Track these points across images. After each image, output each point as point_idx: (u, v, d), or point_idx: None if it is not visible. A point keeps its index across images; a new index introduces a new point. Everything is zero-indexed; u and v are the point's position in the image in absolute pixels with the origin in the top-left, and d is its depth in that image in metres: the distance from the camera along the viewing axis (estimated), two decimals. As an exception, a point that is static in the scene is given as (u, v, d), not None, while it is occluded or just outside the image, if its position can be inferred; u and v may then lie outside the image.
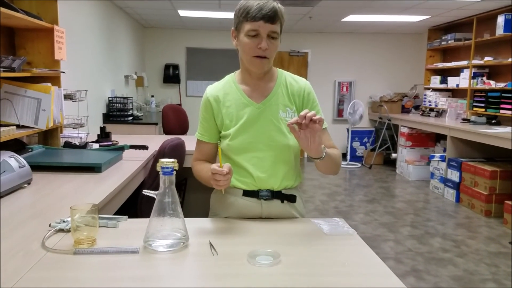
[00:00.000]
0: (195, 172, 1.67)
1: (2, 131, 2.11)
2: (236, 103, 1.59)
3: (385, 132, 7.44)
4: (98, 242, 1.28)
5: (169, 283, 1.07)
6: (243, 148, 1.57)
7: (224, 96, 1.61)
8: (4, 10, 2.08)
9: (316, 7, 5.64)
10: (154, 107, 6.93)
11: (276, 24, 1.47)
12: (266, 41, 1.46)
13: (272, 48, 1.49)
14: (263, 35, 1.46)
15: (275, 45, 1.50)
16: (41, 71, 2.54)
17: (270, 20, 1.44)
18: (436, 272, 3.26)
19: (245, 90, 1.61)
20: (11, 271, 1.08)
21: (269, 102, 1.59)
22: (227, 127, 1.59)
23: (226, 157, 1.62)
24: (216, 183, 1.40)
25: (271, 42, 1.48)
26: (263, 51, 1.47)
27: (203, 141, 1.66)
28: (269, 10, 1.44)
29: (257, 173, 1.56)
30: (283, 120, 1.57)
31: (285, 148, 1.56)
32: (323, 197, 5.41)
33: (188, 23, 7.21)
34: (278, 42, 1.52)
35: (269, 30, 1.46)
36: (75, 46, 4.10)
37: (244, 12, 1.47)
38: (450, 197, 5.39)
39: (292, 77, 1.66)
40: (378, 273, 1.16)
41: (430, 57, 7.33)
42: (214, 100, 1.61)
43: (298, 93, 1.61)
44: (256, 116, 1.56)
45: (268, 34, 1.46)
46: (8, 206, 1.61)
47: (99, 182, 2.02)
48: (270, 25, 1.45)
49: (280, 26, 1.51)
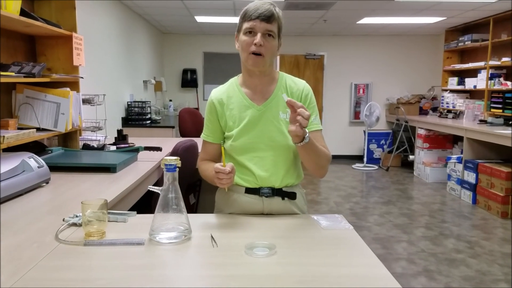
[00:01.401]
0: (201, 171, 1.76)
1: (23, 133, 2.24)
2: (239, 106, 1.67)
3: (402, 134, 7.41)
4: (108, 235, 1.38)
5: (171, 270, 1.16)
6: (245, 148, 1.64)
7: (227, 99, 1.69)
8: (25, 19, 2.21)
9: (330, 10, 5.69)
10: (172, 111, 7.07)
11: (272, 24, 1.55)
12: (261, 38, 1.54)
13: (267, 46, 1.56)
14: (258, 33, 1.54)
15: (271, 44, 1.57)
16: (60, 77, 2.67)
17: (266, 19, 1.53)
18: (448, 272, 3.27)
19: (247, 93, 1.68)
20: (25, 260, 1.17)
21: (269, 104, 1.66)
22: (230, 128, 1.67)
23: (229, 156, 1.70)
24: (219, 181, 1.48)
25: (267, 40, 1.56)
26: (258, 47, 1.55)
27: (208, 141, 1.75)
28: (265, 10, 1.53)
29: (258, 172, 1.64)
30: (283, 121, 1.64)
31: (285, 148, 1.63)
32: (338, 199, 5.44)
33: (205, 28, 7.35)
34: (275, 42, 1.59)
35: (265, 29, 1.54)
36: (95, 52, 4.25)
37: (243, 14, 1.58)
38: (466, 199, 5.36)
39: (292, 79, 1.74)
40: (369, 264, 1.22)
41: (447, 59, 7.29)
42: (218, 103, 1.70)
43: (297, 94, 1.68)
44: (257, 118, 1.64)
45: (264, 32, 1.55)
46: (26, 203, 1.72)
47: (113, 182, 2.12)
48: (266, 24, 1.54)
49: (277, 28, 1.58)
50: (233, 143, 1.65)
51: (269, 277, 1.12)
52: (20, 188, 1.80)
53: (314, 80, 8.18)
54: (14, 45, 2.59)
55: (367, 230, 4.26)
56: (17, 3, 2.18)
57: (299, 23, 6.70)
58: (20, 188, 1.80)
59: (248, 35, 1.56)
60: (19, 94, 2.57)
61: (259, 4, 1.55)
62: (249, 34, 1.56)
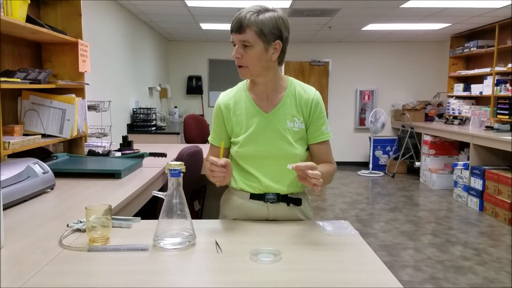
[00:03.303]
0: (204, 169, 1.72)
1: (28, 139, 2.24)
2: (246, 112, 1.65)
3: (408, 141, 7.38)
4: (112, 240, 1.37)
5: (175, 276, 1.15)
6: (250, 156, 1.63)
7: (235, 105, 1.67)
8: (31, 26, 2.22)
9: (335, 17, 5.69)
10: (177, 118, 7.08)
11: (243, 34, 1.51)
12: (236, 50, 1.54)
13: (246, 56, 1.54)
14: (236, 45, 1.55)
15: (249, 54, 1.53)
16: (66, 83, 2.67)
17: (237, 30, 1.52)
18: (455, 280, 3.23)
19: (254, 99, 1.66)
20: (29, 265, 1.17)
21: (277, 112, 1.63)
22: (237, 134, 1.66)
23: (235, 162, 1.69)
24: (211, 173, 1.47)
25: (245, 50, 1.54)
26: (237, 60, 1.56)
27: (215, 145, 1.74)
28: (236, 21, 1.52)
29: (264, 179, 1.63)
30: (290, 130, 1.62)
31: (291, 157, 1.61)
32: (343, 206, 5.41)
33: (210, 35, 7.37)
34: (253, 50, 1.52)
35: (239, 40, 1.53)
36: (101, 59, 4.27)
37: None
38: (473, 206, 5.31)
39: (302, 86, 1.69)
40: (375, 270, 1.20)
41: (453, 65, 7.26)
42: (225, 108, 1.69)
43: (306, 103, 1.65)
44: (264, 126, 1.62)
45: (240, 44, 1.54)
46: (30, 209, 1.72)
47: (118, 187, 2.11)
48: (238, 35, 1.52)
49: (255, 34, 1.50)
50: (239, 150, 1.64)
51: (274, 283, 1.10)
52: (25, 194, 1.80)
53: (319, 87, 8.17)
54: (20, 51, 2.61)
55: (373, 237, 4.23)
56: (23, 10, 2.19)
57: (304, 30, 6.71)
58: (25, 194, 1.80)
59: (234, 48, 1.57)
60: (25, 100, 2.58)
61: (237, 14, 1.54)
62: (234, 47, 1.57)
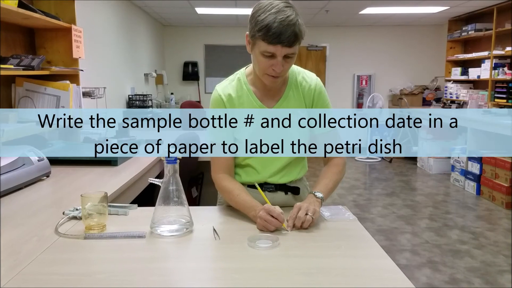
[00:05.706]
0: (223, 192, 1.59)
1: (23, 127, 2.22)
2: (248, 106, 1.58)
3: (405, 125, 7.37)
4: (108, 228, 1.36)
5: (172, 263, 1.14)
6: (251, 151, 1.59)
7: (238, 99, 1.58)
8: (23, 11, 2.18)
9: (332, 1, 5.63)
10: (173, 104, 7.04)
11: (294, 47, 1.38)
12: (281, 64, 1.39)
13: (286, 67, 1.43)
14: (278, 58, 1.38)
15: (290, 63, 1.45)
16: (60, 69, 2.64)
17: (289, 44, 1.36)
18: (453, 263, 3.25)
19: (255, 92, 1.59)
20: (25, 254, 1.16)
21: (280, 106, 1.58)
22: (239, 129, 1.58)
23: None
24: (265, 224, 1.34)
25: (286, 61, 1.41)
26: (276, 72, 1.42)
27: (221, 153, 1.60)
28: (289, 35, 1.34)
29: (262, 171, 1.60)
30: (294, 124, 1.57)
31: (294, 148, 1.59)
32: (340, 191, 5.42)
33: (205, 20, 7.29)
34: (294, 59, 1.45)
35: (286, 53, 1.38)
36: (95, 45, 4.22)
37: (263, 30, 1.34)
38: (470, 190, 5.33)
39: (303, 75, 1.63)
40: (373, 254, 1.20)
41: (450, 49, 7.22)
42: (226, 99, 1.57)
43: (308, 93, 1.60)
44: (267, 121, 1.56)
45: (285, 55, 1.39)
46: (26, 197, 1.71)
47: (114, 175, 2.10)
48: (288, 48, 1.36)
49: (298, 44, 1.42)
50: (240, 145, 1.58)
51: (272, 269, 1.10)
52: (20, 182, 1.78)
53: (317, 72, 7.93)
54: (13, 37, 2.57)
55: (371, 221, 4.24)
56: (14, -6, 2.15)
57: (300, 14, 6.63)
58: (20, 181, 1.79)
59: (266, 57, 1.39)
60: (19, 87, 2.54)
61: (282, 25, 1.33)
62: (268, 57, 1.39)
